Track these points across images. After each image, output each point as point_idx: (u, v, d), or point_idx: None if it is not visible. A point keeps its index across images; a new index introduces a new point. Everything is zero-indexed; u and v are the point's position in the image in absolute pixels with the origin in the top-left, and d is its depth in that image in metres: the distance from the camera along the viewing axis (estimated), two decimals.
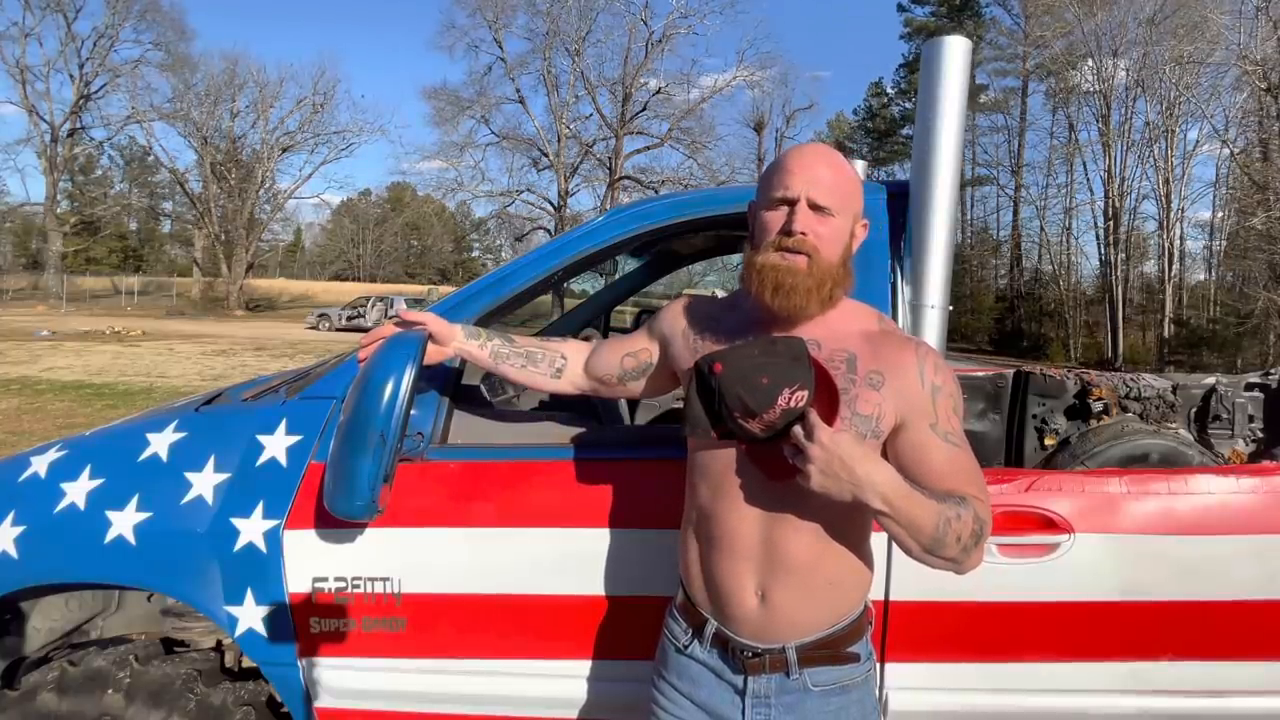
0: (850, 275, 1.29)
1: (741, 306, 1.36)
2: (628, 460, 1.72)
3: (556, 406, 2.18)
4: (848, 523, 1.25)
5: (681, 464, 1.61)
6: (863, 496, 1.09)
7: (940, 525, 1.11)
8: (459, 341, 1.57)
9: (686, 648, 1.33)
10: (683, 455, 1.64)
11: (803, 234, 1.22)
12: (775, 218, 1.25)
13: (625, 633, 1.69)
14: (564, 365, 1.57)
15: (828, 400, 1.18)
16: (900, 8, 43.88)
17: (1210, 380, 2.62)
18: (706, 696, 1.30)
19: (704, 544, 1.31)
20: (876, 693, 1.33)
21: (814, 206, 1.23)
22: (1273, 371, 2.64)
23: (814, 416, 1.12)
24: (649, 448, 1.77)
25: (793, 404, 1.14)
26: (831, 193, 1.24)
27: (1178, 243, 30.41)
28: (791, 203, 1.23)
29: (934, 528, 1.11)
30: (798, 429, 1.11)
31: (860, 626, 1.30)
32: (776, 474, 1.17)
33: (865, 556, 1.30)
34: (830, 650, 1.26)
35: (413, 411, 1.63)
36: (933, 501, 1.12)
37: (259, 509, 1.73)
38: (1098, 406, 2.47)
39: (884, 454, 1.23)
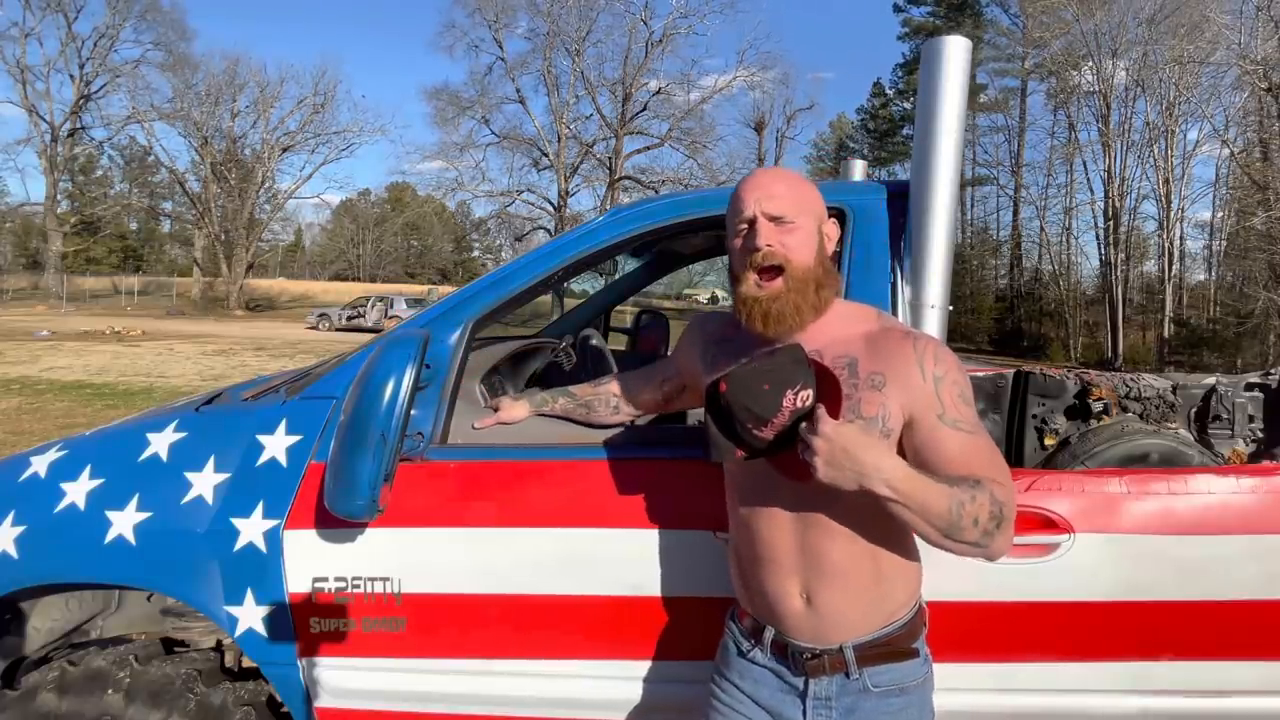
0: (833, 273, 1.31)
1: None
2: (627, 460, 1.72)
3: None
4: (884, 520, 1.23)
5: (680, 464, 1.61)
6: (868, 484, 1.09)
7: (953, 508, 1.11)
8: (532, 412, 1.81)
9: (748, 653, 1.36)
10: (681, 455, 1.65)
11: (769, 246, 1.24)
12: (740, 243, 1.28)
13: (625, 633, 1.69)
14: (619, 403, 1.77)
15: (832, 397, 1.19)
16: (897, 8, 43.87)
17: (1210, 380, 2.62)
18: (768, 697, 1.33)
19: (746, 556, 1.34)
20: (933, 697, 1.34)
21: (772, 219, 1.25)
22: (1273, 371, 2.63)
23: (819, 411, 1.13)
24: (648, 448, 1.77)
25: (799, 404, 1.15)
26: (785, 202, 1.26)
27: (1178, 243, 30.47)
28: (750, 222, 1.26)
29: (947, 511, 1.11)
30: (804, 426, 1.12)
31: (915, 626, 1.31)
32: (798, 475, 1.18)
33: (908, 552, 1.31)
34: (888, 648, 1.27)
35: (413, 411, 1.63)
36: (944, 485, 1.12)
37: (259, 509, 1.73)
38: (1098, 406, 2.47)
39: (900, 452, 1.23)
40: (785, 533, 1.27)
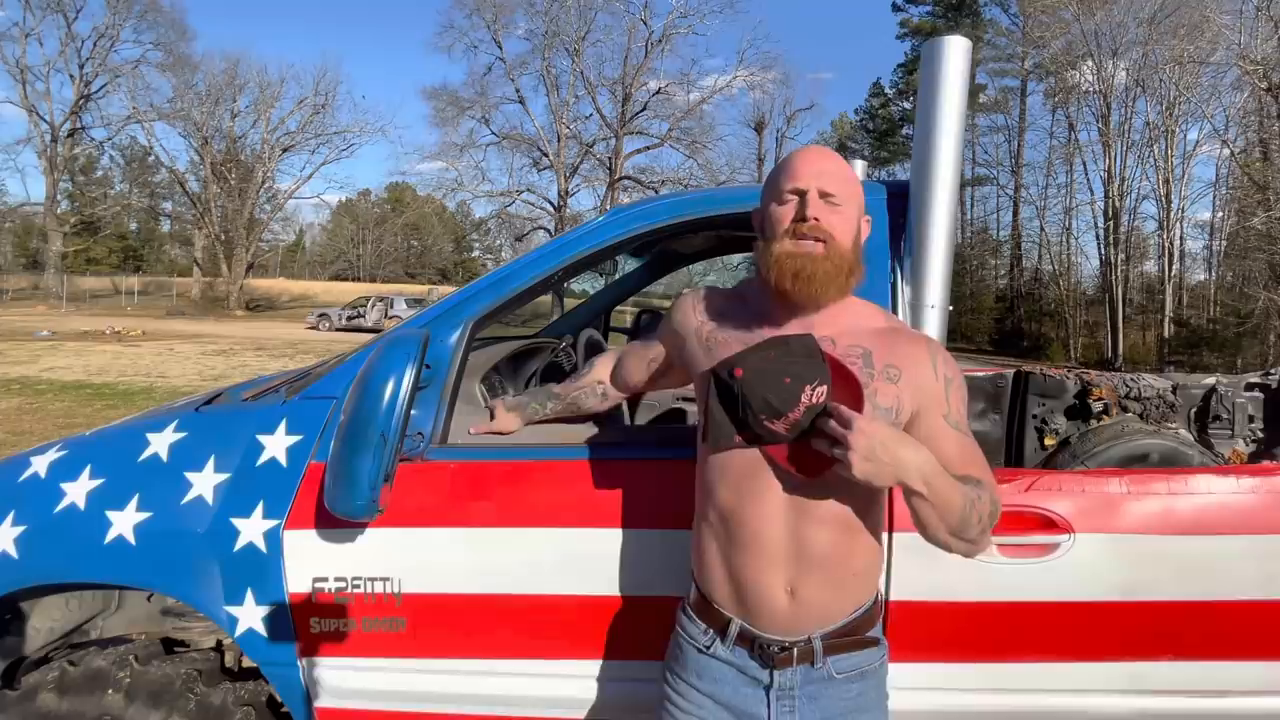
0: (862, 266, 1.32)
1: (749, 302, 1.38)
2: (627, 460, 1.72)
3: None
4: (866, 515, 1.28)
5: (680, 464, 1.60)
6: (904, 478, 1.11)
7: (966, 506, 1.16)
8: (523, 424, 1.80)
9: (708, 648, 1.33)
10: (681, 455, 1.64)
11: (816, 219, 1.25)
12: (786, 210, 1.28)
13: (625, 633, 1.69)
14: (604, 389, 1.77)
15: (852, 392, 1.19)
16: (895, 8, 43.88)
17: (1210, 380, 2.63)
18: (730, 694, 1.31)
19: (726, 545, 1.31)
20: (889, 679, 1.37)
21: (823, 195, 1.27)
22: (1273, 371, 2.64)
23: (844, 408, 1.13)
24: (648, 448, 1.77)
25: (815, 400, 1.15)
26: (838, 183, 1.28)
27: (1178, 243, 30.44)
28: (802, 193, 1.27)
29: (961, 508, 1.15)
30: (832, 422, 1.13)
31: (875, 612, 1.34)
32: (809, 471, 1.17)
33: (879, 543, 1.35)
34: (852, 637, 1.29)
35: (413, 411, 1.63)
36: (958, 483, 1.16)
37: (259, 509, 1.73)
38: (1098, 406, 2.48)
39: None
40: (776, 524, 1.25)
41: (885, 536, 1.57)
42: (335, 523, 1.66)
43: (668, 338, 1.53)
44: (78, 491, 1.80)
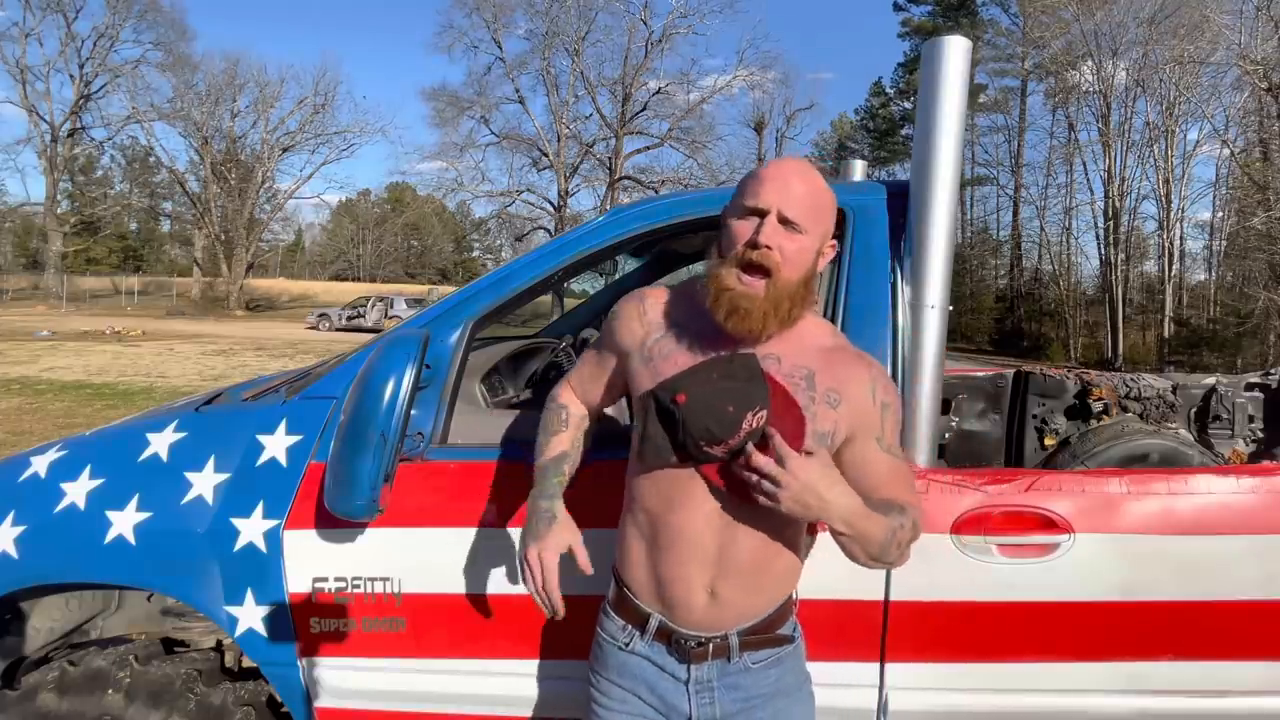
0: (811, 294, 1.29)
1: (697, 304, 1.30)
2: (627, 461, 1.71)
3: None
4: (791, 526, 1.30)
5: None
6: (827, 519, 1.15)
7: (887, 537, 1.19)
8: (570, 519, 1.43)
9: (627, 645, 1.35)
10: None
11: (768, 248, 1.20)
12: (744, 228, 1.23)
13: None
14: (584, 422, 1.53)
15: (793, 421, 1.20)
16: (897, 7, 43.90)
17: (1210, 380, 2.63)
18: (650, 690, 1.34)
19: (651, 546, 1.32)
20: (805, 660, 1.41)
21: (784, 221, 1.21)
22: (1273, 371, 2.64)
23: (781, 443, 1.13)
24: None
25: (754, 425, 1.16)
26: (803, 209, 1.22)
27: (1178, 243, 30.44)
28: (762, 214, 1.22)
29: (882, 540, 1.19)
30: (767, 461, 1.12)
31: (788, 608, 1.37)
32: (740, 490, 1.18)
33: (802, 552, 1.38)
34: (766, 634, 1.32)
35: (413, 411, 1.63)
36: (881, 516, 1.19)
37: (259, 509, 1.73)
38: (1098, 406, 2.48)
39: None
40: (702, 532, 1.27)
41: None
42: (335, 523, 1.66)
43: (611, 348, 1.42)
44: (78, 491, 1.80)
